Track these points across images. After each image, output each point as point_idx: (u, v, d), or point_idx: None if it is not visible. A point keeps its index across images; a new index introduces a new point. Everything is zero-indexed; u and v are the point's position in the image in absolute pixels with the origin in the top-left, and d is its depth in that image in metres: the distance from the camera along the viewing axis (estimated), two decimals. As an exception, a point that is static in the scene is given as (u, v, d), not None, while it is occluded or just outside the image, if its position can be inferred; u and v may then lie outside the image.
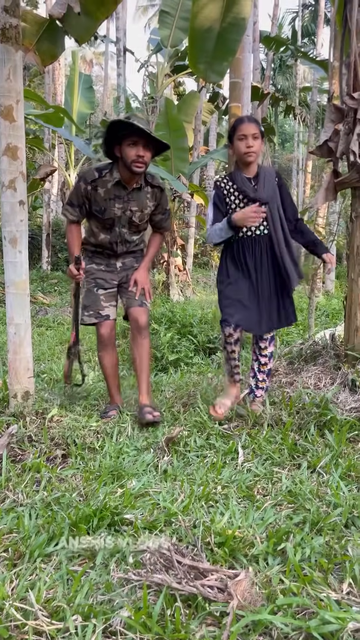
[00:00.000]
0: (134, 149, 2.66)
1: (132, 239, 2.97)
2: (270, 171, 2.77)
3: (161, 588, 1.29)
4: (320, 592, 1.32)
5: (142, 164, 2.68)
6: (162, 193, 2.93)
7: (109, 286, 2.98)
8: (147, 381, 2.91)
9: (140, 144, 2.66)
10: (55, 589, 1.36)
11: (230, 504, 1.78)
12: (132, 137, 2.65)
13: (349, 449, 2.27)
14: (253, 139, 2.59)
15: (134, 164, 2.67)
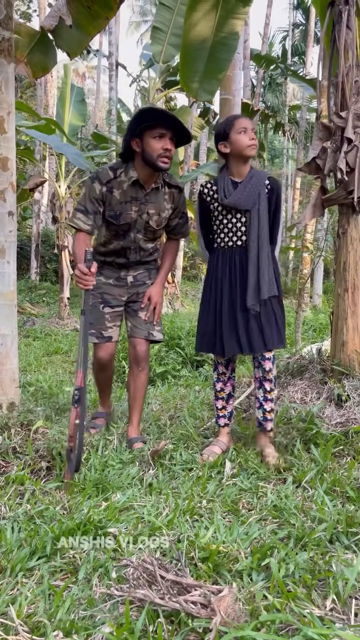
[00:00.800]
0: (161, 142, 2.40)
1: (147, 247, 2.70)
2: (261, 176, 2.48)
3: (144, 604, 1.28)
4: (304, 609, 1.31)
5: (169, 159, 2.44)
6: (179, 194, 2.65)
7: (116, 304, 2.72)
8: (138, 414, 2.75)
9: (168, 137, 2.42)
10: (36, 603, 1.34)
11: (215, 519, 1.78)
12: (160, 129, 2.40)
13: (334, 463, 2.28)
14: (253, 133, 2.43)
15: (160, 158, 2.41)
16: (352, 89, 2.89)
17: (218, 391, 2.60)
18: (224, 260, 2.47)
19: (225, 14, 4.01)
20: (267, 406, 2.49)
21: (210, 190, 2.50)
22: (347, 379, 2.94)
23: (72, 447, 2.12)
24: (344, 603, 1.36)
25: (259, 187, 2.42)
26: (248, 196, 2.41)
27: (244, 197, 2.40)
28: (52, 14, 3.07)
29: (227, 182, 2.45)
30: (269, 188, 2.46)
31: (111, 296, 2.70)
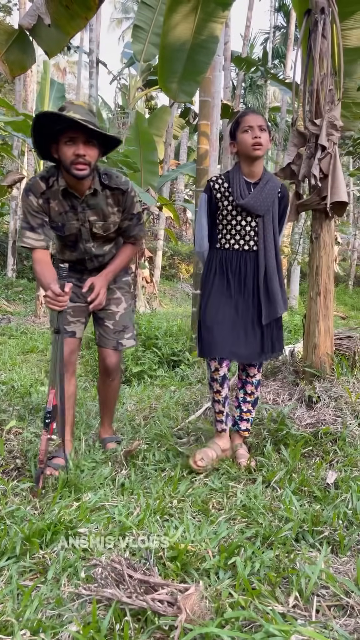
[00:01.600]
0: (72, 147, 2.15)
1: (103, 251, 2.53)
2: (276, 182, 2.40)
3: (111, 602, 1.30)
4: (267, 606, 1.36)
5: (84, 165, 2.17)
6: (124, 195, 2.38)
7: (77, 300, 2.54)
8: (110, 415, 2.73)
9: (80, 141, 2.15)
10: (4, 603, 1.35)
11: (184, 518, 1.81)
12: (68, 133, 2.14)
13: (303, 463, 2.33)
14: (260, 130, 2.26)
15: (73, 166, 2.16)
16: (326, 97, 2.95)
17: (215, 392, 2.45)
18: (231, 262, 2.38)
19: (204, 17, 4.04)
20: (245, 407, 2.53)
21: (222, 187, 2.36)
22: (318, 381, 3.00)
23: (42, 469, 2.07)
24: (306, 600, 1.40)
25: (274, 194, 2.36)
26: (264, 201, 2.33)
27: (260, 201, 2.32)
28: (31, 12, 3.06)
29: (242, 181, 2.34)
30: (280, 196, 2.41)
31: (73, 293, 2.49)
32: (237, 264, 2.37)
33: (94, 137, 2.19)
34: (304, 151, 3.06)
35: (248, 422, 2.54)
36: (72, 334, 2.51)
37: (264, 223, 2.34)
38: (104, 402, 2.71)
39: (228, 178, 2.37)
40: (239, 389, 2.56)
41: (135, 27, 9.75)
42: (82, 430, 2.91)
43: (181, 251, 16.05)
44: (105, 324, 2.58)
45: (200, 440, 2.75)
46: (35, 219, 2.30)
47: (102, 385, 2.68)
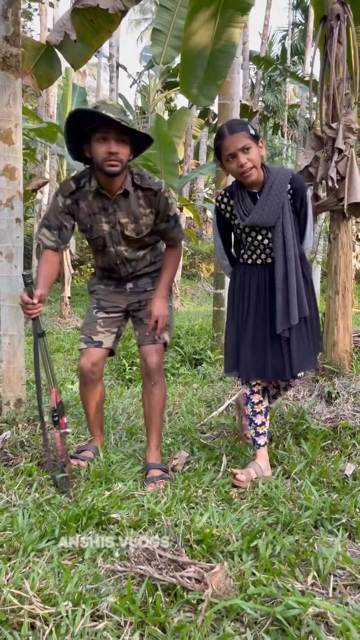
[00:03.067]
0: (104, 145, 2.15)
1: (136, 256, 2.45)
2: (283, 180, 2.16)
3: (144, 578, 1.43)
4: (287, 584, 1.47)
5: (116, 162, 2.16)
6: (156, 196, 2.32)
7: (112, 310, 2.49)
8: (157, 436, 2.45)
9: (112, 138, 2.15)
10: (47, 580, 1.49)
11: (209, 506, 1.93)
12: (101, 131, 2.14)
13: (322, 456, 2.43)
14: (244, 153, 2.07)
15: (105, 163, 2.15)
16: (342, 102, 3.03)
17: (255, 404, 2.33)
18: (250, 278, 2.28)
19: (223, 23, 4.14)
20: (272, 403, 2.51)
21: (228, 206, 2.26)
22: (338, 377, 3.09)
23: (65, 462, 2.14)
24: (323, 579, 1.51)
25: (282, 198, 2.15)
26: (271, 211, 2.15)
27: (266, 214, 2.15)
28: (57, 28, 3.20)
29: (244, 196, 2.19)
30: (292, 192, 2.19)
31: (108, 302, 2.50)
32: (258, 278, 2.27)
33: (126, 135, 2.19)
34: (322, 154, 3.15)
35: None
36: (98, 344, 2.44)
37: (275, 234, 2.17)
38: (148, 416, 2.46)
39: (231, 192, 2.24)
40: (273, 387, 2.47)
41: (154, 30, 9.89)
42: (110, 425, 3.05)
43: (201, 250, 16.16)
44: (144, 322, 2.47)
45: (222, 435, 2.87)
46: (56, 220, 2.32)
47: (145, 394, 2.47)
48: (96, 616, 1.34)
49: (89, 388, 2.49)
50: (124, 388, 4.44)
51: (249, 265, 2.29)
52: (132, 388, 4.41)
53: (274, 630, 1.31)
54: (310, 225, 2.29)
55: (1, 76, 2.64)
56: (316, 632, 1.25)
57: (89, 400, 2.54)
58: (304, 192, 2.20)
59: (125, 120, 2.15)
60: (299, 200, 2.20)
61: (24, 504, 1.97)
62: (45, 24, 12.79)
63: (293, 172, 2.22)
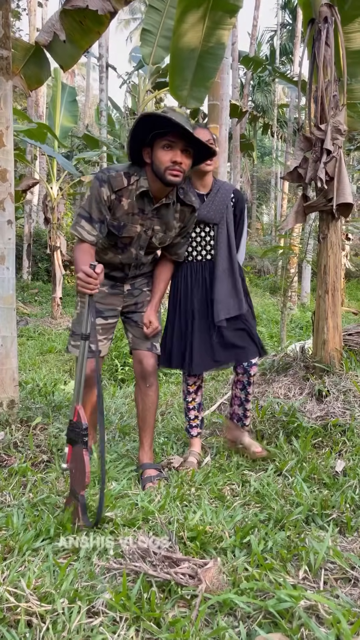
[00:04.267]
0: (170, 153, 2.10)
1: (147, 260, 2.46)
2: (227, 188, 2.48)
3: (139, 575, 1.45)
4: (279, 578, 1.50)
5: (178, 173, 2.11)
6: (192, 214, 2.36)
7: (109, 314, 2.45)
8: (150, 436, 2.47)
9: (178, 147, 2.10)
10: (43, 578, 1.50)
11: (202, 504, 1.95)
12: (169, 138, 2.09)
13: (313, 453, 2.46)
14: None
15: (168, 171, 2.10)
16: (330, 103, 3.07)
17: (189, 402, 2.62)
18: (193, 274, 2.47)
19: (212, 25, 4.17)
20: (248, 405, 2.60)
21: None
22: (328, 376, 3.13)
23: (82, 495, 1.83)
24: (315, 573, 1.54)
25: (226, 200, 2.45)
26: (217, 210, 2.43)
27: (213, 210, 2.43)
28: (46, 29, 3.22)
29: (193, 194, 2.40)
30: (234, 201, 2.48)
31: (105, 306, 2.43)
32: (201, 275, 2.46)
33: (191, 146, 2.15)
34: (310, 155, 3.19)
35: (249, 418, 2.62)
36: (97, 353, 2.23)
37: (219, 231, 2.43)
38: (142, 417, 2.45)
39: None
40: (241, 390, 2.56)
41: (143, 30, 9.89)
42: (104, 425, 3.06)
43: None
44: (139, 326, 2.45)
45: (214, 433, 2.90)
46: (98, 213, 2.18)
47: (139, 394, 2.46)
48: (92, 612, 1.36)
49: (87, 391, 2.40)
50: (117, 388, 4.46)
51: (191, 263, 2.48)
52: (125, 388, 4.43)
53: (266, 623, 1.33)
54: (244, 240, 2.54)
55: (-9, 78, 2.65)
56: (308, 624, 1.28)
57: (85, 402, 2.45)
58: (244, 204, 2.51)
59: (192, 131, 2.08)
60: (239, 210, 2.49)
61: (19, 504, 1.99)
62: (34, 23, 12.78)
63: (235, 187, 2.54)
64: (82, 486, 1.81)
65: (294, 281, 5.34)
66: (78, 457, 1.83)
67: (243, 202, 2.52)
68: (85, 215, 2.19)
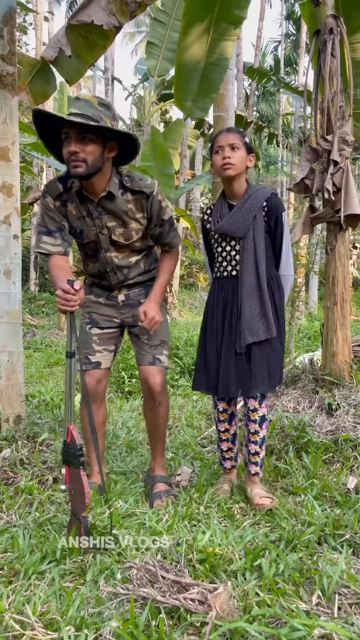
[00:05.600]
0: (66, 146, 1.98)
1: (128, 263, 2.28)
2: (259, 196, 2.18)
3: (147, 601, 1.41)
4: (292, 604, 1.45)
5: (77, 163, 1.96)
6: (148, 199, 2.16)
7: (106, 325, 2.33)
8: (162, 447, 2.40)
9: (72, 137, 1.96)
10: (49, 603, 1.47)
11: (211, 523, 1.91)
12: (64, 131, 1.98)
13: (324, 470, 2.42)
14: (231, 149, 2.12)
15: (69, 165, 1.98)
16: (337, 114, 3.05)
17: (222, 432, 2.34)
18: (219, 291, 2.26)
19: (217, 37, 4.18)
20: (252, 448, 2.25)
21: (210, 217, 2.30)
22: (338, 389, 3.08)
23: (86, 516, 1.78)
24: (328, 598, 1.50)
25: (254, 210, 2.16)
26: (240, 221, 2.16)
27: (236, 223, 2.17)
28: (52, 44, 3.22)
29: (224, 205, 2.23)
30: (266, 210, 2.19)
31: (101, 316, 2.33)
32: (225, 292, 2.25)
33: (93, 132, 1.97)
34: (317, 166, 3.16)
35: (257, 465, 2.26)
36: (96, 364, 2.30)
37: (245, 245, 2.17)
38: (153, 432, 2.38)
39: (214, 207, 2.28)
40: (245, 426, 2.29)
41: (148, 43, 9.98)
42: (110, 440, 3.03)
43: (199, 260, 16.19)
44: (140, 339, 2.33)
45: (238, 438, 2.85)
46: (53, 222, 2.14)
47: (148, 411, 2.36)
48: (99, 641, 1.32)
49: (92, 407, 2.29)
50: (123, 401, 4.43)
51: (218, 279, 2.29)
52: (132, 401, 4.39)
53: (279, 652, 1.29)
54: (286, 250, 2.25)
55: (-3, 94, 2.65)
56: (322, 654, 1.23)
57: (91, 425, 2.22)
58: (279, 212, 2.21)
59: (88, 116, 1.93)
60: (273, 219, 2.20)
61: (25, 524, 1.95)
62: (40, 38, 12.90)
63: (273, 192, 2.23)
64: (82, 507, 1.76)
65: (301, 291, 5.30)
66: (76, 478, 1.78)
67: (278, 208, 2.20)
68: (43, 230, 2.15)
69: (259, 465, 2.25)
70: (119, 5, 3.02)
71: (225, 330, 2.21)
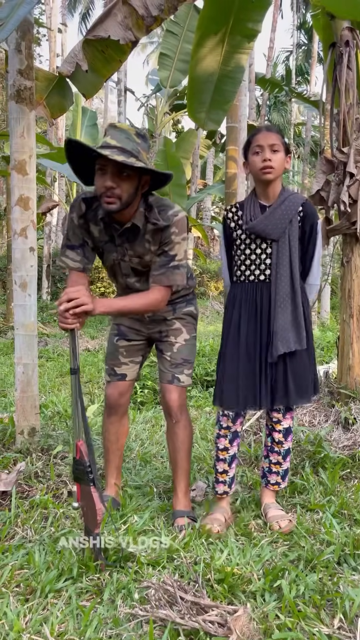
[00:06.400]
0: (101, 179, 1.90)
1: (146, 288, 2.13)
2: (295, 200, 2.09)
3: (166, 623, 1.39)
4: (313, 627, 1.42)
5: (111, 200, 1.90)
6: (163, 231, 2.02)
7: (133, 337, 2.29)
8: (184, 481, 2.24)
9: (109, 171, 1.88)
10: (66, 623, 1.45)
11: (228, 541, 1.89)
12: (99, 162, 1.90)
13: (342, 486, 2.38)
14: (271, 151, 2.02)
15: (102, 199, 1.92)
16: (353, 126, 3.04)
17: (220, 449, 2.18)
18: (246, 297, 2.13)
19: (230, 49, 4.20)
20: (273, 457, 2.18)
21: (235, 215, 2.16)
22: (354, 402, 3.05)
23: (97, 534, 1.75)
24: (350, 622, 1.46)
25: (290, 214, 2.07)
26: (277, 223, 2.05)
27: (272, 224, 2.06)
28: (69, 59, 3.25)
29: (255, 204, 2.12)
30: (302, 215, 2.09)
31: (129, 329, 2.29)
32: (252, 298, 2.12)
33: (130, 169, 1.89)
34: (333, 178, 3.15)
35: (278, 475, 2.16)
36: (122, 377, 2.28)
37: (279, 249, 2.06)
38: (173, 459, 2.26)
39: (242, 206, 2.17)
40: (267, 436, 2.22)
41: (161, 54, 10.07)
42: (124, 452, 3.01)
43: (210, 269, 16.19)
44: (163, 355, 2.27)
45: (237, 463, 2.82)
46: (76, 238, 2.10)
47: (168, 435, 2.30)
48: (118, 665, 1.30)
49: (113, 420, 2.31)
50: (137, 412, 4.41)
51: (242, 283, 2.15)
52: (145, 412, 4.37)
53: None
54: (317, 260, 2.15)
55: (15, 109, 2.68)
56: None
57: (110, 435, 2.33)
58: (314, 219, 2.12)
59: (128, 151, 1.87)
60: (308, 226, 2.10)
61: (40, 540, 1.94)
62: (54, 49, 13.08)
63: (307, 199, 2.20)
64: (94, 525, 1.74)
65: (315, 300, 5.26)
66: (87, 495, 1.76)
67: (314, 216, 2.12)
68: (67, 243, 2.12)
69: (280, 475, 2.15)
70: (135, 19, 3.04)
71: (255, 339, 2.09)
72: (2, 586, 1.63)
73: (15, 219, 2.71)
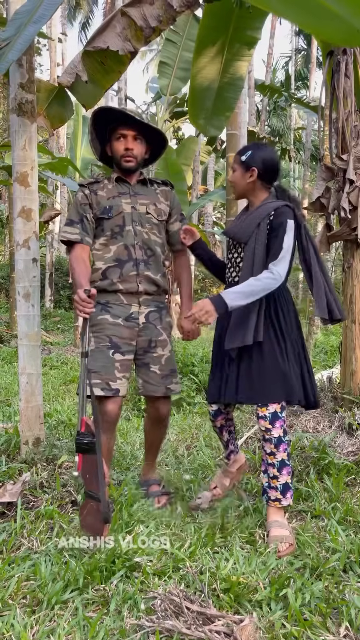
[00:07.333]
0: (122, 143, 2.37)
1: (154, 243, 2.40)
2: (269, 206, 2.15)
3: (172, 634, 1.40)
4: (320, 636, 1.42)
5: (130, 158, 2.37)
6: (172, 192, 2.53)
7: (126, 349, 2.33)
8: (155, 456, 2.64)
9: (129, 136, 2.37)
10: (73, 634, 1.46)
11: (234, 550, 1.89)
12: (119, 130, 2.37)
13: (347, 493, 2.38)
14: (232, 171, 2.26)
15: (122, 159, 2.37)
16: (351, 133, 3.06)
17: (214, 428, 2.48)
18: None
19: (231, 57, 4.24)
20: (270, 471, 2.11)
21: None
22: (358, 408, 3.05)
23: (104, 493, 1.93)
24: (357, 630, 1.47)
25: (260, 218, 2.13)
26: (246, 227, 2.16)
27: (241, 229, 2.18)
28: (69, 70, 3.28)
29: (242, 214, 2.30)
30: (272, 218, 2.12)
31: (121, 340, 2.31)
32: None
33: (142, 135, 2.41)
34: (333, 185, 3.17)
35: (277, 491, 2.09)
36: (116, 392, 2.28)
37: (246, 250, 2.15)
38: (152, 444, 2.60)
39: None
40: (261, 448, 2.20)
41: (160, 63, 10.11)
42: (129, 461, 3.02)
43: (212, 274, 16.21)
44: (151, 369, 2.36)
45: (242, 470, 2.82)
46: (76, 214, 2.38)
47: (151, 431, 2.55)
48: None
49: (109, 435, 2.37)
50: (140, 419, 4.41)
51: (227, 284, 2.32)
52: (149, 420, 4.38)
53: None
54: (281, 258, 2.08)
55: (17, 122, 2.70)
56: None
57: (104, 451, 2.25)
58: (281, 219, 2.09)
59: (139, 117, 2.38)
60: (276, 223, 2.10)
61: (46, 551, 1.95)
62: (54, 59, 13.17)
63: (287, 205, 2.13)
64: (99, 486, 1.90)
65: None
66: (92, 463, 1.92)
67: (280, 216, 2.10)
68: (67, 221, 2.41)
69: (279, 491, 2.07)
70: (134, 31, 3.07)
71: (223, 337, 2.21)
72: (9, 598, 1.64)
73: (17, 230, 2.73)
